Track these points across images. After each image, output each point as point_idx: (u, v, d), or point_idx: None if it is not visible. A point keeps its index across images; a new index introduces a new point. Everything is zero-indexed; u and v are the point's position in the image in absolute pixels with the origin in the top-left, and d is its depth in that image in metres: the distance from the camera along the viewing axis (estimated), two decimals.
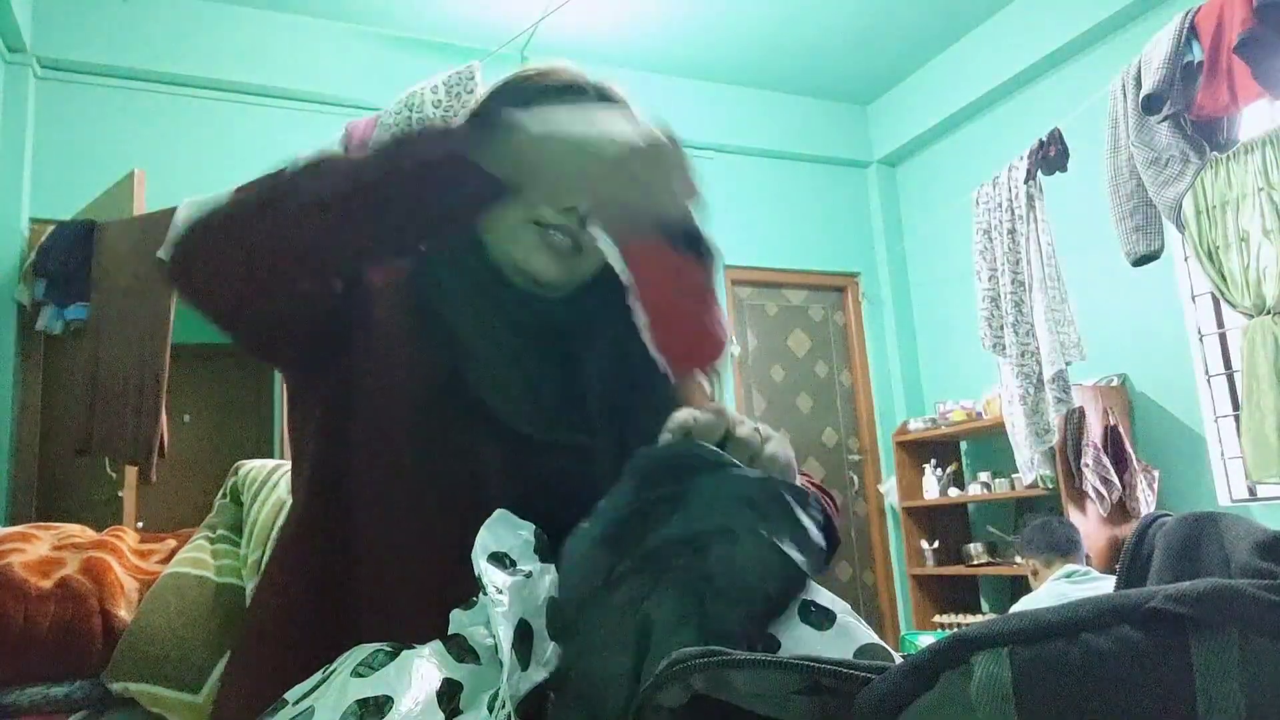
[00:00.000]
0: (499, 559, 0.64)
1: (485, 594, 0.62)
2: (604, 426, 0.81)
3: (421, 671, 0.59)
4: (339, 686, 0.59)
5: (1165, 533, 0.60)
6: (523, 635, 0.60)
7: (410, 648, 0.61)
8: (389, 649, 0.61)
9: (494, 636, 0.61)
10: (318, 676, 0.62)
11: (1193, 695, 0.39)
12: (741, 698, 0.48)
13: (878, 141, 5.53)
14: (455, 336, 0.80)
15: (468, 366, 0.79)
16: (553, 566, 0.66)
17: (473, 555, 0.64)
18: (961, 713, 0.42)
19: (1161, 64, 2.56)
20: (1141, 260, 2.82)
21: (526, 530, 0.67)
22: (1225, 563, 0.53)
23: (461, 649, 0.62)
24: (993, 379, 3.84)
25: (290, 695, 0.62)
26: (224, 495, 1.47)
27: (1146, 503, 3.77)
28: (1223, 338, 3.91)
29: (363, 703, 0.56)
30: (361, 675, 0.59)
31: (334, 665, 0.63)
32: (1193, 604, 0.40)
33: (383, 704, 0.56)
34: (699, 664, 0.48)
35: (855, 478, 5.22)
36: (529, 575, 0.64)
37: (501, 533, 0.66)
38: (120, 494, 3.28)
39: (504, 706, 0.55)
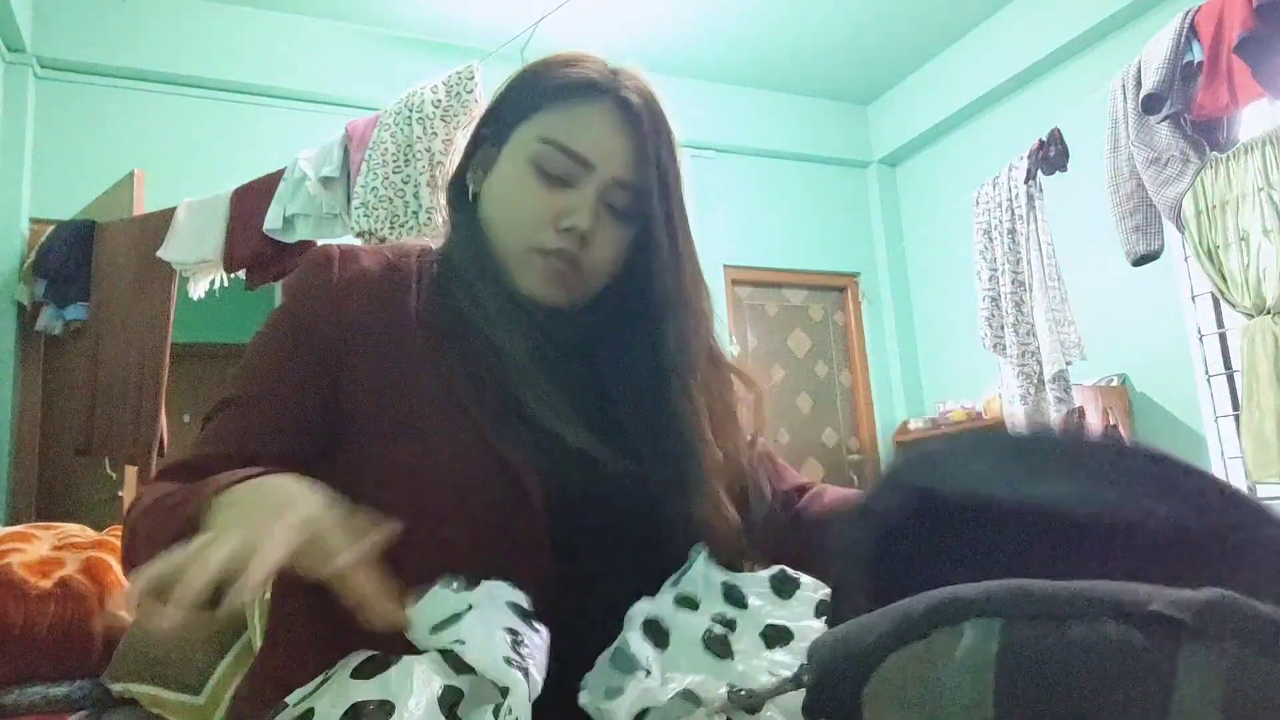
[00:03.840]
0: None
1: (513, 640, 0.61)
2: (654, 448, 0.79)
3: (423, 677, 0.58)
4: (337, 688, 0.58)
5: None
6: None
7: (411, 654, 0.61)
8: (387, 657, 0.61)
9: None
10: (318, 680, 0.62)
11: (1166, 701, 0.39)
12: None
13: (878, 141, 5.52)
14: (502, 353, 0.78)
15: (516, 382, 0.78)
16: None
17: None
18: (943, 669, 0.43)
19: (1161, 64, 2.56)
20: (1141, 260, 2.82)
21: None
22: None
23: (458, 662, 0.61)
24: (993, 379, 3.83)
25: (291, 699, 0.62)
26: None
27: None
28: (1223, 338, 3.91)
29: (362, 706, 0.55)
30: (362, 678, 0.58)
31: (333, 669, 0.62)
32: (1191, 611, 0.40)
33: (385, 708, 0.55)
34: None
35: (855, 478, 5.22)
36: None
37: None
38: (120, 494, 3.28)
39: (510, 712, 0.55)
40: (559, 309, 0.82)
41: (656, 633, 0.65)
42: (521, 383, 0.76)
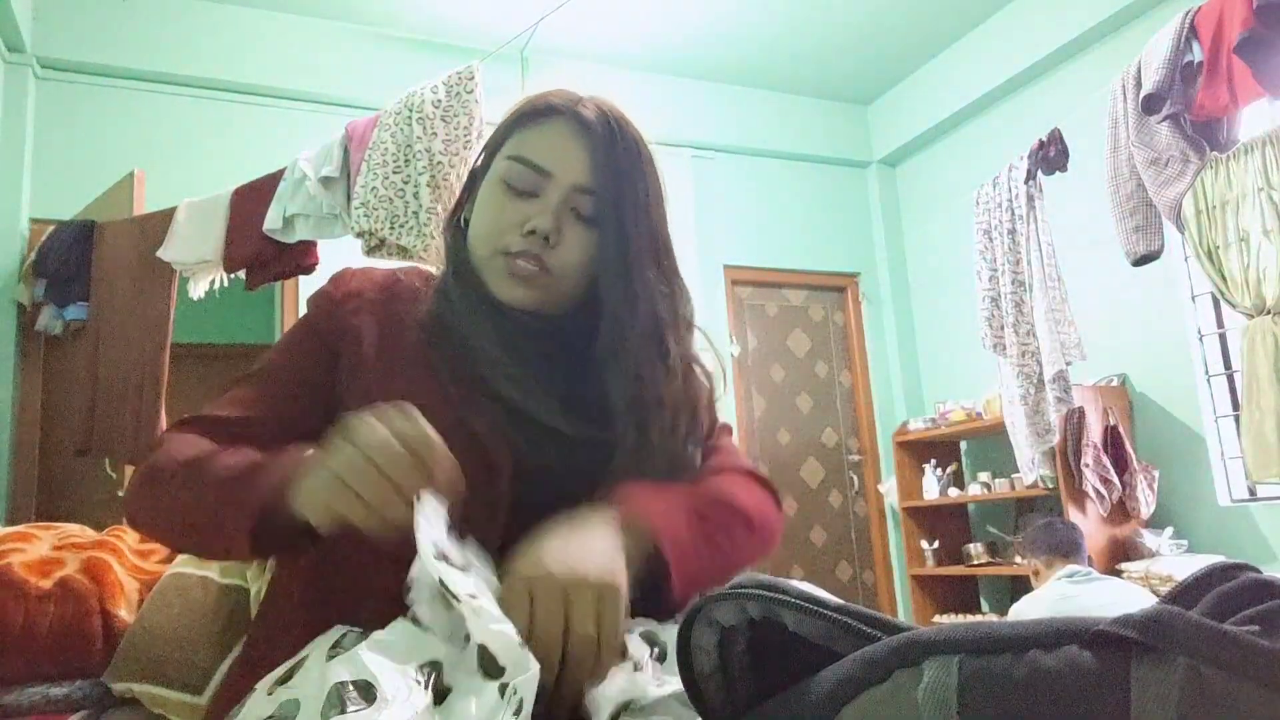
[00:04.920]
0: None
1: (457, 601, 0.61)
2: (622, 422, 0.86)
3: (397, 650, 0.58)
4: (317, 672, 0.58)
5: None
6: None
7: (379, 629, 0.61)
8: (357, 631, 0.61)
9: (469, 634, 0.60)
10: (289, 664, 0.62)
11: (1127, 715, 0.40)
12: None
13: (878, 141, 5.52)
14: (472, 343, 0.87)
15: (484, 368, 0.86)
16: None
17: (423, 549, 0.63)
18: (907, 709, 0.45)
19: (1161, 64, 2.55)
20: (1141, 260, 2.82)
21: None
22: None
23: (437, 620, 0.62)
24: (993, 379, 3.83)
25: (261, 686, 0.62)
26: None
27: (1146, 503, 3.77)
28: (1223, 338, 3.91)
29: (343, 685, 0.55)
30: (337, 658, 0.58)
31: (303, 653, 0.62)
32: (1137, 628, 0.41)
33: (366, 688, 0.55)
34: (757, 594, 0.55)
35: (855, 478, 5.22)
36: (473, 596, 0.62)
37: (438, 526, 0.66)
38: (120, 494, 3.28)
39: (515, 692, 0.55)
40: (535, 311, 0.89)
41: (654, 642, 0.67)
42: (489, 367, 0.86)
